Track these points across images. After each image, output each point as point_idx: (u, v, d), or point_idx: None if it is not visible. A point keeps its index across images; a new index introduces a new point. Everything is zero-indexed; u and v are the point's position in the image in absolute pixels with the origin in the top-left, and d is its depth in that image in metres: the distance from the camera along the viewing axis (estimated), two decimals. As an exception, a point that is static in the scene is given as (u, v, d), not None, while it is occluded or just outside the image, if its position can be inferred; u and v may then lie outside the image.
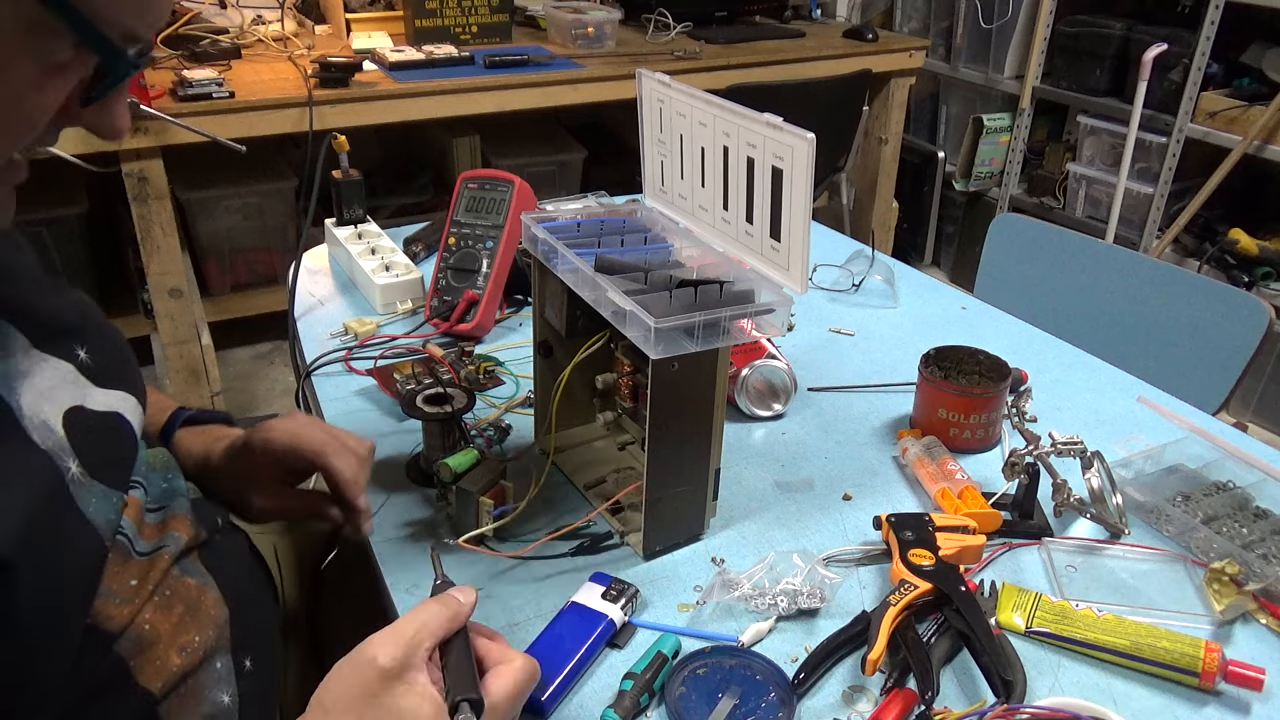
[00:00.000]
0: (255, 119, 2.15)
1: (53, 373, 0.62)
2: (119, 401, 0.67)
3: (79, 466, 0.59)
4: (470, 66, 2.45)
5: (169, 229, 2.19)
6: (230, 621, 0.71)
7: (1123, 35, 2.80)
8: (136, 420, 0.69)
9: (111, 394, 0.67)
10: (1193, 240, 2.80)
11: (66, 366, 0.63)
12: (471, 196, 1.25)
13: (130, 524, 0.67)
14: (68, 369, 0.63)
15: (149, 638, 0.64)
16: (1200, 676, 0.71)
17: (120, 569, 0.65)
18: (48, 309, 0.65)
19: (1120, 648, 0.74)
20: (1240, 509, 0.91)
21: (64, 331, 0.65)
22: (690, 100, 0.93)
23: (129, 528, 0.67)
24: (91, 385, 0.65)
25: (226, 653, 0.69)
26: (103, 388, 0.66)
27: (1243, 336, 1.32)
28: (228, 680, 0.68)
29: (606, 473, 0.94)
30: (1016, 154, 3.24)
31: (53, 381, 0.61)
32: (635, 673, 0.70)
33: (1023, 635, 0.77)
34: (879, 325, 1.29)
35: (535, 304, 0.95)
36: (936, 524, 0.83)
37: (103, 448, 0.63)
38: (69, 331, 0.66)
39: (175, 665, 0.65)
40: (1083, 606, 0.77)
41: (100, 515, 0.60)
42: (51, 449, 0.58)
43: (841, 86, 2.78)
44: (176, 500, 0.74)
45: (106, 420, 0.65)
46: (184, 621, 0.67)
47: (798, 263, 0.84)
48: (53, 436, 0.59)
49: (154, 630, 0.64)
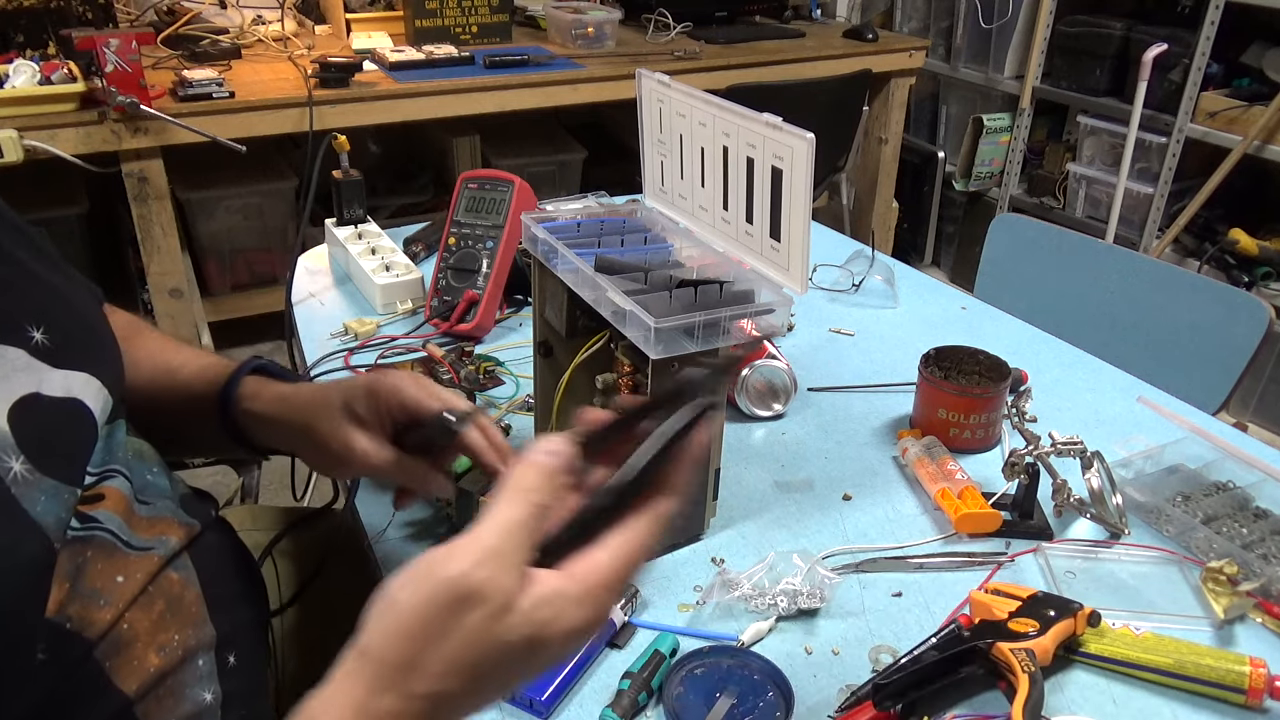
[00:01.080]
0: (255, 119, 2.15)
1: None
2: (80, 385, 0.63)
3: (24, 464, 0.56)
4: (470, 66, 2.45)
5: (169, 229, 2.19)
6: (212, 618, 0.68)
7: (1123, 35, 2.80)
8: (100, 404, 0.65)
9: (73, 376, 0.63)
10: (1193, 240, 2.80)
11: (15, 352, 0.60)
12: (471, 196, 1.25)
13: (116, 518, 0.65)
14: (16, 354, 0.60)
15: (127, 638, 0.62)
16: (1247, 694, 0.70)
17: (105, 565, 0.62)
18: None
19: (1164, 666, 0.72)
20: (1240, 509, 0.91)
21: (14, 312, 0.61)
22: (690, 100, 0.93)
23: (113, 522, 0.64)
24: (48, 368, 0.61)
25: (209, 650, 0.68)
26: (62, 368, 0.62)
27: (1243, 336, 1.32)
28: (210, 678, 0.67)
29: (606, 473, 0.94)
30: (1016, 154, 3.25)
31: None
32: (633, 672, 0.70)
33: (1063, 656, 0.75)
34: (879, 325, 1.29)
35: (535, 304, 0.95)
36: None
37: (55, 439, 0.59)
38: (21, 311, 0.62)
39: (153, 665, 0.63)
40: (1119, 625, 0.76)
41: (49, 514, 0.57)
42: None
43: (841, 86, 2.78)
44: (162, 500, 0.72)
45: (63, 407, 0.62)
46: (164, 619, 0.65)
47: (798, 263, 0.84)
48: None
49: (132, 630, 0.62)
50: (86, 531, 0.62)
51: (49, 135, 1.96)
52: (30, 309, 0.63)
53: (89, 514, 0.63)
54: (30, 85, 1.96)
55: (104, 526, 0.63)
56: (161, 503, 0.71)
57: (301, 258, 1.43)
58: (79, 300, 0.69)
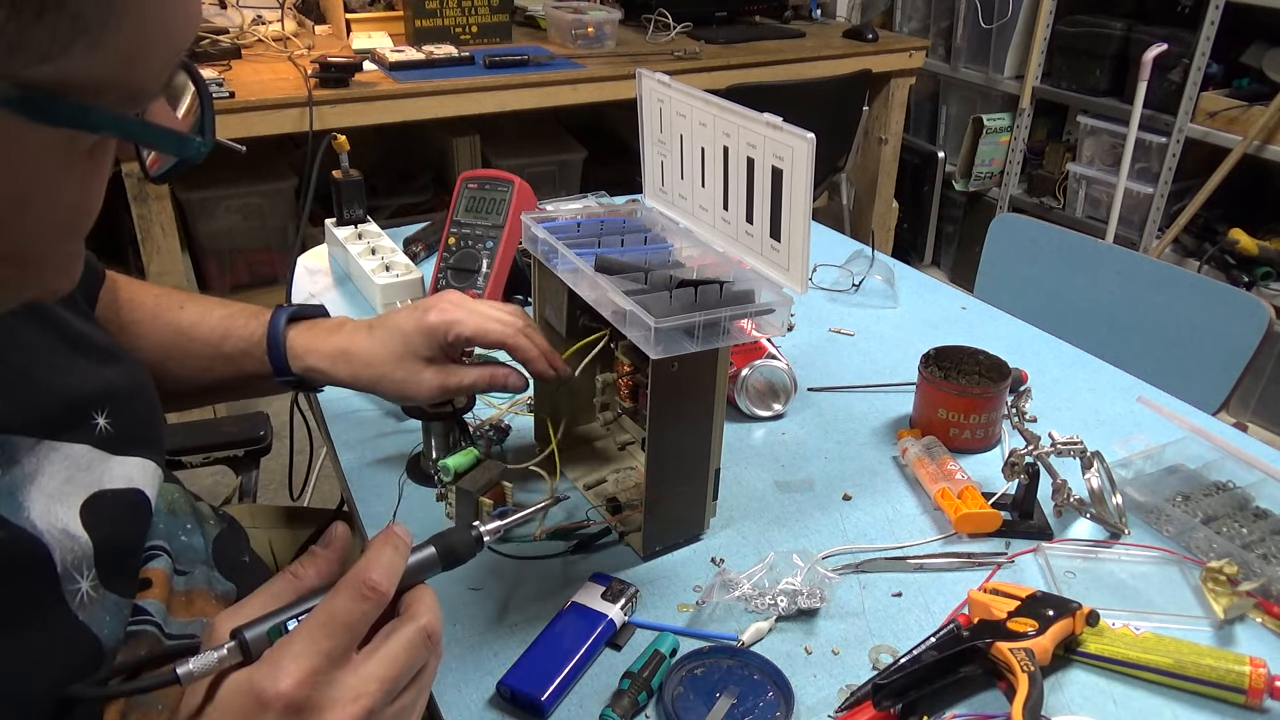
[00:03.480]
0: (255, 119, 2.15)
1: (63, 464, 0.57)
2: (138, 473, 0.63)
3: (92, 581, 0.56)
4: (470, 66, 2.45)
5: (169, 229, 2.19)
6: None
7: (1123, 35, 2.80)
8: (154, 488, 0.65)
9: (130, 463, 0.62)
10: (1193, 240, 2.80)
11: (81, 449, 0.59)
12: (471, 196, 1.25)
13: (159, 606, 0.63)
14: (81, 452, 0.59)
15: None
16: (1247, 694, 0.70)
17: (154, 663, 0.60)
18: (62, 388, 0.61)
19: (1164, 666, 0.72)
20: (1240, 509, 0.91)
21: (79, 401, 0.61)
22: (690, 100, 0.93)
23: (157, 612, 0.63)
24: (110, 457, 0.61)
25: None
26: (122, 456, 0.62)
27: (1243, 336, 1.32)
28: None
29: (606, 473, 0.94)
30: (1016, 154, 3.25)
31: (64, 475, 0.57)
32: (633, 672, 0.70)
33: (1063, 656, 0.75)
34: (879, 325, 1.29)
35: (535, 304, 0.95)
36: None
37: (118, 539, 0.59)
38: (86, 399, 0.62)
39: None
40: (1119, 624, 0.76)
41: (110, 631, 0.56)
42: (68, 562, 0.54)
43: (841, 86, 2.78)
44: (198, 568, 0.71)
45: (125, 499, 0.61)
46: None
47: (798, 263, 0.84)
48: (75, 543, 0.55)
49: None
50: (137, 627, 0.62)
51: (49, 135, 1.96)
52: (92, 394, 0.62)
53: (138, 604, 0.63)
54: (30, 85, 1.96)
55: (152, 620, 0.63)
56: (199, 571, 0.71)
57: (301, 258, 1.43)
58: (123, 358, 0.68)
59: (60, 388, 0.60)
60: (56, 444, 0.58)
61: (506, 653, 0.73)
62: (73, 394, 0.61)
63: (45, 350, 0.62)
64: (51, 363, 0.62)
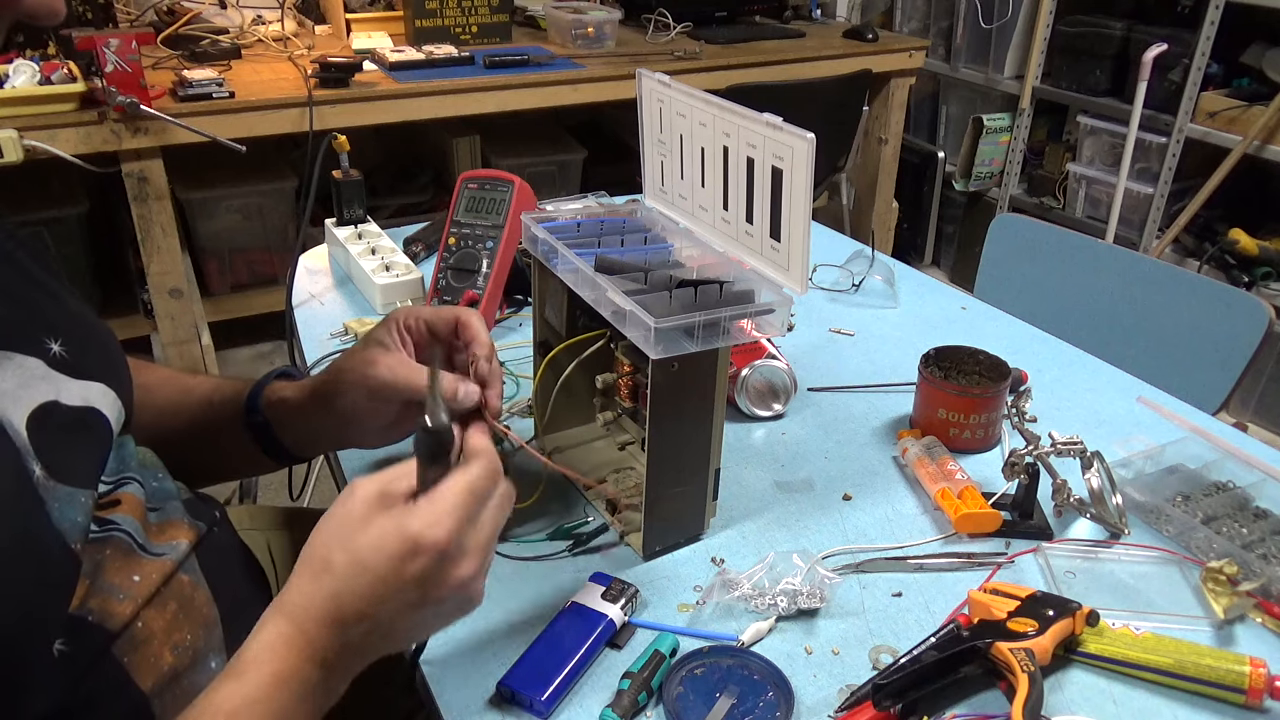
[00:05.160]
0: (255, 119, 2.15)
1: (16, 371, 0.60)
2: (98, 395, 0.66)
3: (41, 469, 0.58)
4: (470, 66, 2.45)
5: (169, 229, 2.19)
6: (222, 621, 0.70)
7: (1123, 35, 2.80)
8: (114, 414, 0.67)
9: (90, 386, 0.65)
10: (1193, 240, 2.80)
11: (34, 362, 0.62)
12: (471, 196, 1.25)
13: (134, 522, 0.67)
14: (35, 364, 0.62)
15: (143, 636, 0.64)
16: (1247, 694, 0.70)
17: (123, 564, 0.64)
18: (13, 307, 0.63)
19: (1164, 666, 0.72)
20: (1240, 509, 0.91)
21: (32, 325, 0.64)
22: (690, 100, 0.93)
23: (131, 525, 0.66)
24: (65, 378, 0.63)
25: (220, 651, 0.69)
26: (79, 379, 0.64)
27: (1243, 336, 1.32)
28: None
29: (606, 473, 0.94)
30: (1016, 154, 3.25)
31: (17, 381, 0.60)
32: (633, 672, 0.70)
33: (1063, 656, 0.75)
34: (879, 325, 1.29)
35: (535, 304, 0.95)
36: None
37: (71, 447, 0.61)
38: (39, 325, 0.64)
39: (168, 664, 0.64)
40: (1119, 624, 0.76)
41: (65, 519, 0.58)
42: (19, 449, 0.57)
43: (841, 86, 2.78)
44: (170, 503, 0.73)
45: (80, 415, 0.64)
46: (177, 619, 0.66)
47: (798, 263, 0.84)
48: (18, 438, 0.57)
49: (148, 628, 0.64)
50: (105, 533, 0.64)
51: (49, 135, 1.96)
52: (48, 322, 0.65)
53: (108, 518, 0.65)
54: (30, 85, 1.96)
55: (122, 529, 0.65)
56: (170, 505, 0.73)
57: (302, 258, 1.43)
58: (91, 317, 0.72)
59: (11, 307, 0.63)
60: (9, 354, 0.60)
61: (506, 653, 0.73)
62: (24, 315, 0.64)
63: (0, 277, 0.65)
64: (5, 288, 0.64)
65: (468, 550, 0.59)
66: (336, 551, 0.58)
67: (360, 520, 0.58)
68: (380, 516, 0.58)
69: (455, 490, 0.59)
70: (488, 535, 0.61)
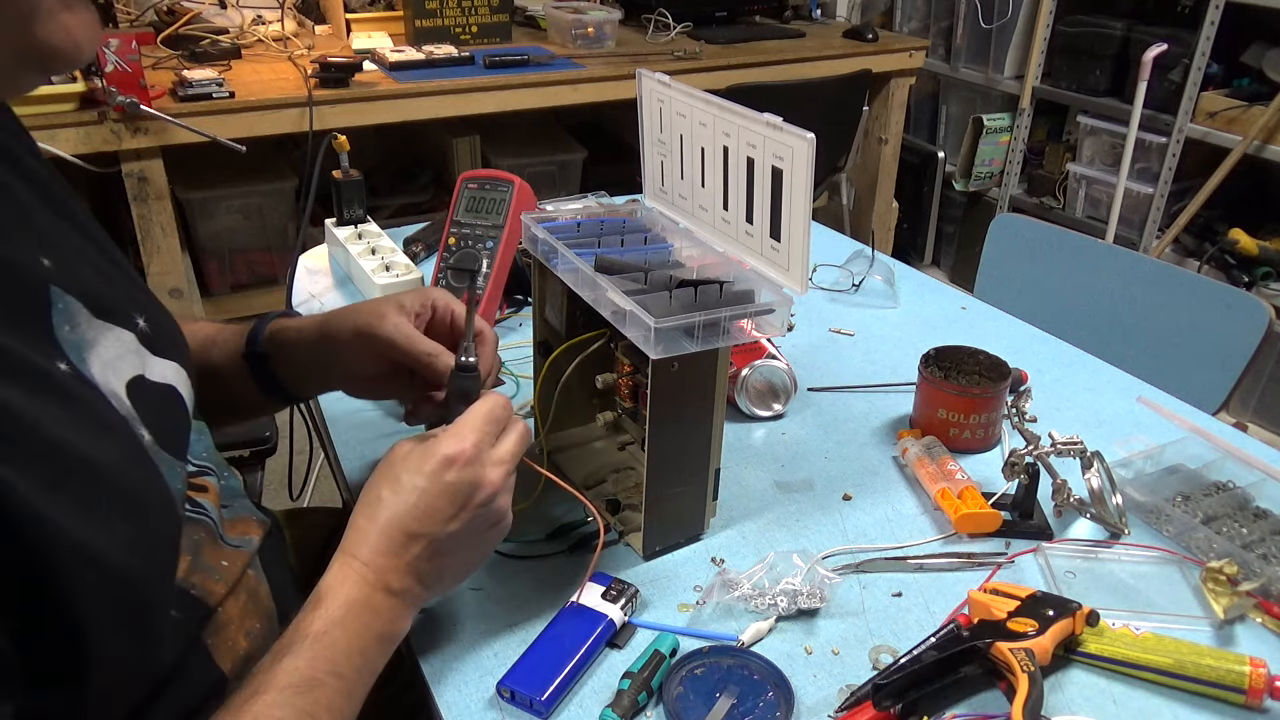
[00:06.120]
0: (255, 119, 2.15)
1: (115, 343, 0.62)
2: (173, 374, 0.68)
3: (150, 436, 0.60)
4: (470, 66, 2.45)
5: (169, 229, 2.19)
6: (277, 616, 0.73)
7: (1123, 35, 2.80)
8: (188, 395, 0.70)
9: (166, 365, 0.67)
10: (1193, 240, 2.80)
11: (128, 335, 0.64)
12: (471, 196, 1.25)
13: (215, 510, 0.70)
14: (129, 338, 0.64)
15: (223, 619, 0.66)
16: (1247, 694, 0.70)
17: (212, 548, 0.67)
18: (106, 278, 0.66)
19: (1164, 666, 0.72)
20: (1240, 509, 0.91)
21: (125, 299, 0.66)
22: (690, 100, 0.93)
23: (214, 512, 0.69)
24: (150, 355, 0.66)
25: None
26: (160, 357, 0.67)
27: (1243, 336, 1.32)
28: None
29: (606, 473, 0.94)
30: (1016, 154, 3.24)
31: (116, 351, 0.62)
32: (633, 672, 0.70)
33: (1063, 656, 0.74)
34: (879, 325, 1.29)
35: (535, 304, 0.95)
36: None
37: (163, 419, 0.63)
38: (130, 300, 0.67)
39: (242, 648, 0.67)
40: (1119, 625, 0.76)
41: (173, 483, 0.61)
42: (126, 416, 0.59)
43: (841, 86, 2.78)
44: (239, 500, 0.76)
45: (163, 392, 0.66)
46: (247, 608, 0.69)
47: (798, 263, 0.84)
48: (124, 406, 0.59)
49: (226, 613, 0.67)
50: (196, 514, 0.68)
51: (49, 135, 1.96)
52: (135, 298, 0.68)
53: (196, 500, 0.69)
54: (30, 85, 1.96)
55: (208, 514, 0.69)
56: (239, 502, 0.76)
57: (302, 258, 1.43)
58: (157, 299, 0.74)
59: (106, 282, 0.65)
60: (107, 324, 0.62)
61: (506, 653, 0.73)
62: (119, 289, 0.67)
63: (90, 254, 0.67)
64: (96, 263, 0.67)
65: (492, 460, 0.68)
66: (384, 488, 0.66)
67: (401, 459, 0.67)
68: (417, 450, 0.67)
69: (475, 414, 0.69)
70: (510, 452, 0.69)
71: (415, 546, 0.66)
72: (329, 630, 0.61)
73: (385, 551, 0.65)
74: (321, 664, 0.60)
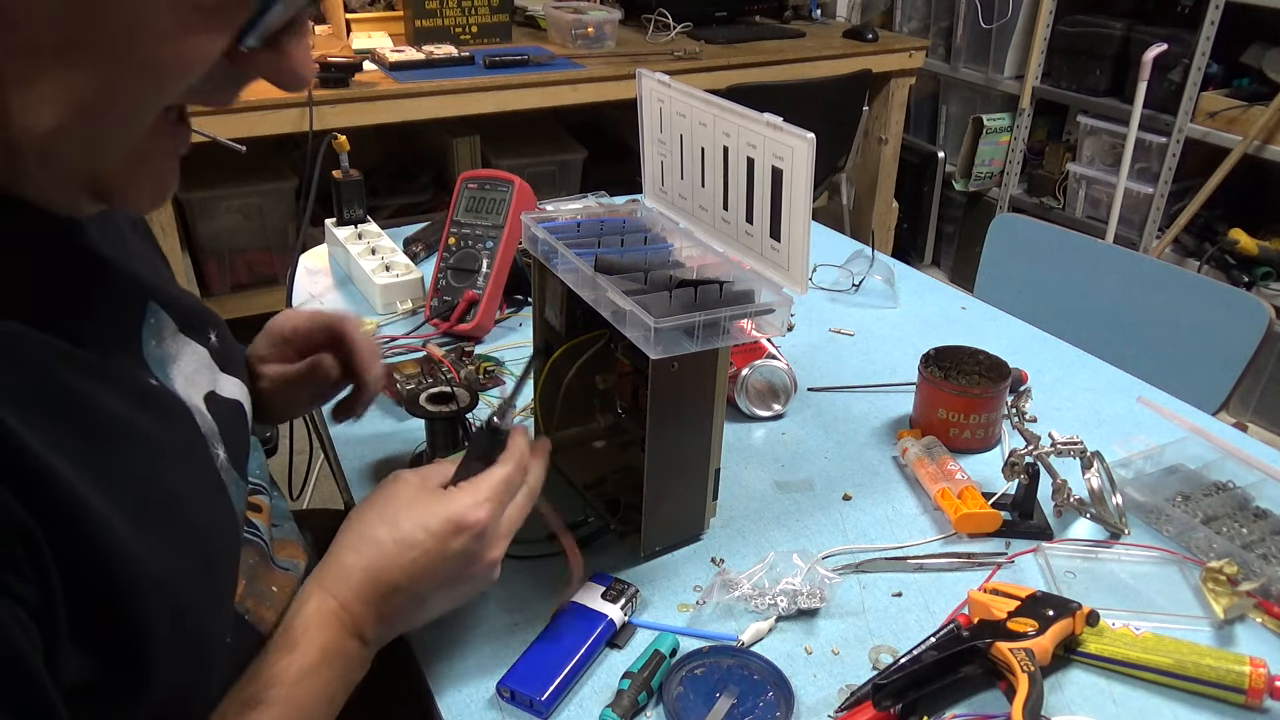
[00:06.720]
0: (255, 119, 2.15)
1: (193, 357, 0.62)
2: (238, 390, 0.67)
3: (224, 453, 0.60)
4: (470, 66, 2.45)
5: (169, 229, 2.19)
6: None
7: (1123, 35, 2.80)
8: (249, 412, 0.69)
9: (232, 382, 0.67)
10: (1193, 240, 2.80)
11: (203, 351, 0.64)
12: (471, 196, 1.25)
13: (266, 530, 0.69)
14: (204, 354, 0.64)
15: None
16: (1247, 694, 0.70)
17: (265, 572, 0.66)
18: (186, 296, 0.66)
19: (1164, 666, 0.72)
20: (1240, 509, 0.91)
21: (200, 315, 0.66)
22: (690, 100, 0.93)
23: (265, 533, 0.68)
24: (220, 372, 0.66)
25: None
26: (227, 373, 0.67)
27: (1243, 336, 1.32)
28: None
29: (606, 473, 0.94)
30: (1016, 154, 3.24)
31: (194, 366, 0.62)
32: (633, 672, 0.70)
33: (1063, 656, 0.75)
34: (879, 325, 1.29)
35: (535, 304, 0.95)
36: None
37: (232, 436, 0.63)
38: (204, 315, 0.67)
39: None
40: (1119, 625, 0.76)
41: (238, 503, 0.61)
42: (206, 434, 0.59)
43: (841, 86, 2.78)
44: (286, 523, 0.75)
45: (233, 408, 0.65)
46: None
47: (798, 263, 0.84)
48: (205, 421, 0.59)
49: None
50: (252, 536, 0.66)
51: (49, 135, 1.96)
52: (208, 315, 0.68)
53: (251, 520, 0.67)
54: (30, 85, 1.96)
55: (260, 535, 0.67)
56: (287, 524, 0.75)
57: (302, 258, 1.43)
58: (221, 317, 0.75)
59: (184, 295, 0.66)
60: (188, 339, 0.63)
61: (506, 653, 0.73)
62: (194, 304, 0.67)
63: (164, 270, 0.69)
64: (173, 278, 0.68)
65: (499, 533, 0.66)
66: (380, 528, 0.63)
67: (405, 502, 0.64)
68: (424, 498, 0.64)
69: (495, 479, 0.66)
70: (513, 523, 0.67)
71: (397, 599, 0.63)
72: (302, 680, 0.58)
73: (366, 599, 0.62)
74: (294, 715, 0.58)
